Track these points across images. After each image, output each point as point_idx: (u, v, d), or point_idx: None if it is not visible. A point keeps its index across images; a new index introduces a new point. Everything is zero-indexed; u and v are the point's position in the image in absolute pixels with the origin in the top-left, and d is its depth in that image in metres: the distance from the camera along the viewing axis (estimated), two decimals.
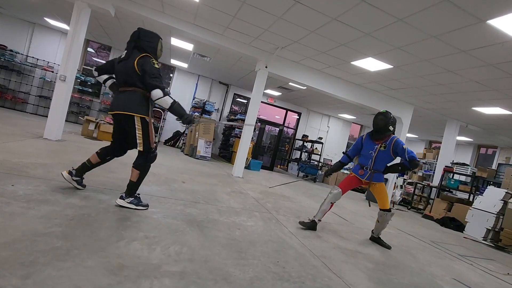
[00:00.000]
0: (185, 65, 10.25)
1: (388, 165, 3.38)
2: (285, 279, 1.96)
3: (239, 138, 7.88)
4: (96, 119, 7.23)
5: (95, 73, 2.78)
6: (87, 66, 10.32)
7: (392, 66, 5.70)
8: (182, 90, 11.08)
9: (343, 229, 3.88)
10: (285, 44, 5.95)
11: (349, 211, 5.58)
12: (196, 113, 9.54)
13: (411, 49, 4.76)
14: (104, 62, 3.83)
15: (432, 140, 13.86)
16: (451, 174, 8.31)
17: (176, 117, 2.62)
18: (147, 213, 2.59)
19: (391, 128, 3.31)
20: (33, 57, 9.37)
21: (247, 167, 8.53)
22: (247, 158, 8.12)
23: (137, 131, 2.50)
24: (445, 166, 8.34)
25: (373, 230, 3.58)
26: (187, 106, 10.85)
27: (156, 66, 2.51)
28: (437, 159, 9.36)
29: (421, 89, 6.65)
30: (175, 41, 7.66)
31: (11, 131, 5.18)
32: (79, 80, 9.39)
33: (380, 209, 3.38)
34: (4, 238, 1.59)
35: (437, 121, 9.35)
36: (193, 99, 10.61)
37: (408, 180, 10.04)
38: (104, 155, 2.74)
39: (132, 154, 2.78)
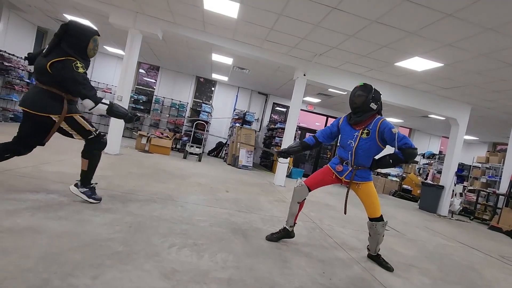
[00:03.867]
0: (225, 78, 10.69)
1: (376, 157, 2.54)
2: None
3: (280, 147, 7.91)
4: (147, 133, 7.87)
5: (27, 62, 2.54)
6: (139, 86, 11.34)
7: (442, 64, 5.29)
8: (224, 103, 11.54)
9: (393, 240, 3.64)
10: (323, 51, 5.89)
11: (400, 221, 5.21)
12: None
13: (464, 45, 4.38)
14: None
15: (497, 142, 12.36)
16: None
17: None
18: (195, 221, 2.73)
19: (373, 106, 2.42)
20: (95, 81, 10.59)
21: (289, 175, 8.49)
22: (288, 167, 8.09)
23: (64, 128, 2.36)
24: None
25: (368, 246, 2.69)
26: (228, 118, 11.25)
27: (80, 70, 2.22)
28: (503, 163, 8.30)
29: (479, 86, 6.04)
30: (215, 57, 8.06)
31: (79, 147, 5.88)
32: (132, 99, 10.35)
33: (369, 219, 2.54)
34: (76, 242, 1.82)
35: (501, 120, 8.36)
36: (234, 110, 10.96)
37: (469, 187, 9.05)
38: (2, 152, 2.34)
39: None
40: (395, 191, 10.14)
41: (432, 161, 11.67)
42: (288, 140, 6.78)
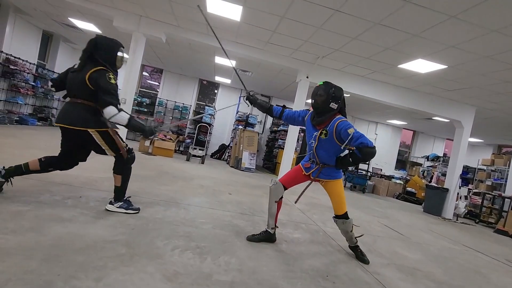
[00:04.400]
0: (228, 81, 10.73)
1: (341, 155, 2.53)
2: None
3: (283, 149, 7.90)
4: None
5: (53, 89, 2.59)
6: (142, 89, 11.41)
7: (446, 66, 5.27)
8: (226, 105, 11.55)
9: (398, 244, 3.60)
10: (326, 53, 5.89)
11: (404, 224, 5.17)
12: (156, 125, 9.69)
13: (468, 47, 4.36)
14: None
15: (502, 144, 12.24)
16: None
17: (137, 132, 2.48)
18: (198, 223, 2.73)
19: (333, 105, 2.39)
20: None
21: None
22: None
23: (98, 142, 2.39)
24: None
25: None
26: (231, 120, 11.27)
27: (113, 81, 2.30)
28: (509, 166, 8.23)
29: (483, 88, 6.00)
30: (218, 59, 8.10)
31: None
32: (136, 101, 10.41)
33: (334, 216, 2.59)
34: (80, 244, 1.82)
35: (506, 122, 8.28)
36: (237, 113, 10.98)
37: (474, 190, 8.96)
38: (47, 165, 2.45)
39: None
40: (399, 193, 10.07)
41: (436, 164, 11.58)
42: (290, 142, 6.77)
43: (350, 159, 2.44)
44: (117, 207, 2.55)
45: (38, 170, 2.44)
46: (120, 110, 2.30)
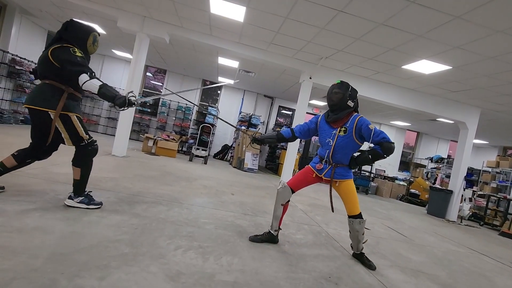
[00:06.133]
0: (231, 82, 10.74)
1: (355, 155, 2.54)
2: None
3: (285, 150, 7.89)
4: (154, 136, 7.93)
5: (33, 76, 2.54)
6: (146, 89, 11.46)
7: (450, 67, 5.23)
8: (229, 105, 11.60)
9: (401, 246, 3.58)
10: (329, 54, 5.88)
11: (408, 226, 5.13)
12: (131, 93, 8.34)
13: (473, 47, 4.33)
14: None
15: (507, 146, 12.12)
16: None
17: (108, 102, 2.34)
18: (201, 224, 2.73)
19: (350, 103, 2.45)
20: None
21: None
22: (294, 170, 8.05)
23: (58, 128, 2.25)
24: None
25: (351, 244, 2.71)
26: (234, 121, 11.29)
27: (78, 54, 2.21)
28: None
29: (488, 89, 5.95)
30: (222, 60, 8.11)
31: None
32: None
33: (348, 216, 2.57)
34: (84, 243, 1.83)
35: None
36: (240, 113, 10.99)
37: (478, 192, 8.88)
38: (23, 158, 2.36)
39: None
40: (402, 195, 10.01)
41: (440, 165, 11.50)
42: (293, 143, 6.76)
43: (369, 155, 2.42)
44: (78, 202, 2.39)
45: (16, 165, 2.35)
46: (92, 77, 2.19)
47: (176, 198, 3.46)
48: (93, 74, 2.24)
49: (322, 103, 10.84)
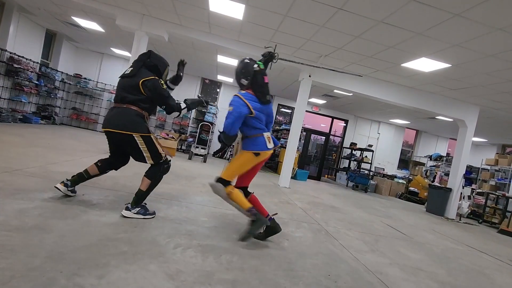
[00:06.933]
0: (230, 80, 10.72)
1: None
2: None
3: (285, 148, 7.89)
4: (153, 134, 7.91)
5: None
6: None
7: (450, 65, 5.23)
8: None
9: (400, 244, 3.59)
10: (329, 52, 5.87)
11: (407, 224, 5.15)
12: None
13: (472, 45, 4.32)
14: None
15: (506, 144, 12.15)
16: None
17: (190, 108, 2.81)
18: (200, 222, 2.73)
19: (243, 81, 2.60)
20: (102, 82, 10.71)
21: (294, 177, 8.45)
22: (293, 168, 8.06)
23: (141, 148, 2.46)
24: None
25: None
26: None
27: (165, 86, 2.58)
28: None
29: (487, 87, 5.95)
30: (221, 58, 8.08)
31: (85, 148, 5.96)
32: None
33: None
34: (83, 242, 1.83)
35: (511, 122, 8.21)
36: None
37: (477, 190, 8.91)
38: (104, 168, 2.65)
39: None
40: (401, 193, 10.03)
41: (439, 163, 11.52)
42: (293, 141, 6.75)
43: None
44: (135, 213, 2.45)
45: (98, 174, 2.64)
46: (178, 109, 2.61)
47: (176, 197, 3.46)
48: (179, 106, 2.65)
49: (322, 101, 10.83)
